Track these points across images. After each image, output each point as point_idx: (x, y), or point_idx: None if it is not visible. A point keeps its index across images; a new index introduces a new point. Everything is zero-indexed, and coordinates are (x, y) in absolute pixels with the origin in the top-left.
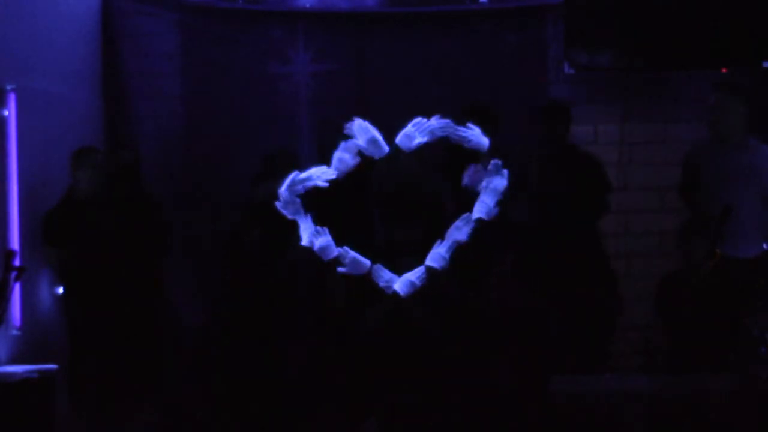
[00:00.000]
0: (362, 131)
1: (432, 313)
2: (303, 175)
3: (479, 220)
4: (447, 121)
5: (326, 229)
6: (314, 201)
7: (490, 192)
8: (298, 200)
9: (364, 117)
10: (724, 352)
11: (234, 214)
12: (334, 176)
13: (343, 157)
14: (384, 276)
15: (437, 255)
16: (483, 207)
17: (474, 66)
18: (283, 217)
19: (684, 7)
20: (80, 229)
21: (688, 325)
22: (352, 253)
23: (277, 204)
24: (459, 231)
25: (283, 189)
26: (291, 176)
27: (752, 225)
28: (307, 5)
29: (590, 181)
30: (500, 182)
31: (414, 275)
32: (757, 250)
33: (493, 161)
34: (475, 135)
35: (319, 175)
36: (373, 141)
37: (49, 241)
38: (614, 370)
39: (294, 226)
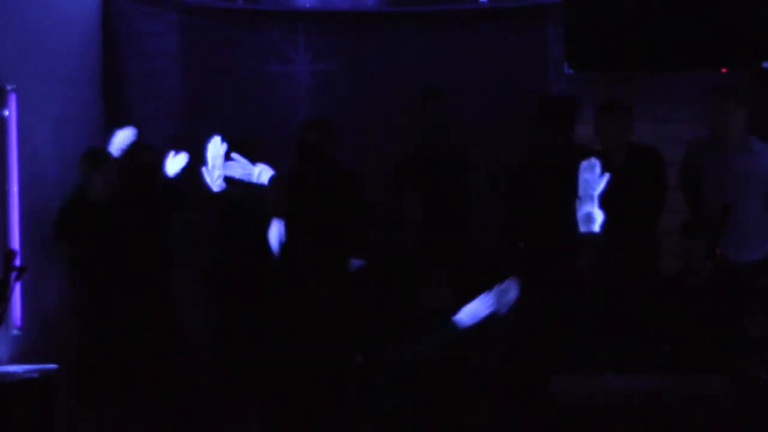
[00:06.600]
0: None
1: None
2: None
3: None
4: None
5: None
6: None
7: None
8: None
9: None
10: (724, 352)
11: (233, 214)
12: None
13: None
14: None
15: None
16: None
17: (474, 66)
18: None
19: (683, 7)
20: (94, 229)
21: (688, 325)
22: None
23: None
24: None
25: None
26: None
27: (756, 228)
28: (307, 5)
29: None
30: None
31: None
32: (761, 254)
33: None
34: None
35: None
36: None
37: (61, 237)
38: (614, 370)
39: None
